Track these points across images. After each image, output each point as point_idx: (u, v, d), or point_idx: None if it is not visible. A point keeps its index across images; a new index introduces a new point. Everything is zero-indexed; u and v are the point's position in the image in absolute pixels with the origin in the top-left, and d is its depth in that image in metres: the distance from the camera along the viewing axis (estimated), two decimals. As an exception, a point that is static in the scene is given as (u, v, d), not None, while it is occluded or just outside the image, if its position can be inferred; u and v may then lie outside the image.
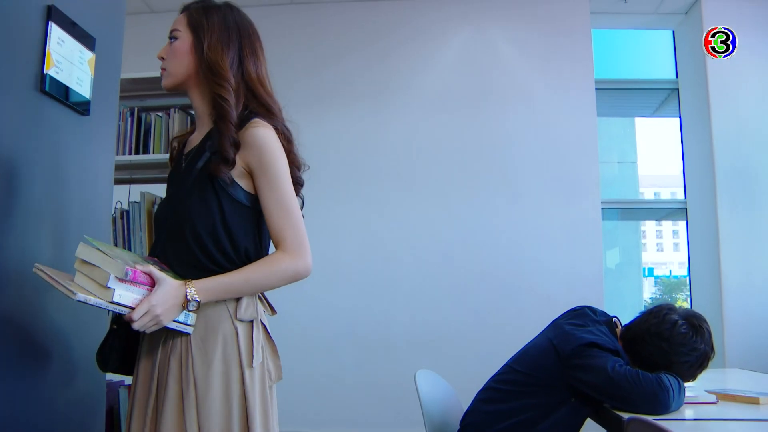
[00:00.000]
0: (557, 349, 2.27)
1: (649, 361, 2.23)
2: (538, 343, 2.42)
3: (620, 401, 2.09)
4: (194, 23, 1.70)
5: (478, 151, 5.45)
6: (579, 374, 2.17)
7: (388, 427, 4.99)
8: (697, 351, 2.21)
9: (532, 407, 2.28)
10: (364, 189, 5.47)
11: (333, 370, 5.21)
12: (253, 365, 1.60)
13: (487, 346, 4.59)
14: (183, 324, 1.54)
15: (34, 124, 1.71)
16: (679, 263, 6.36)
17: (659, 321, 2.26)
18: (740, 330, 4.95)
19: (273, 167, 1.67)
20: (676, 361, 2.20)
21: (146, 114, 3.26)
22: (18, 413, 1.61)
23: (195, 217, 1.61)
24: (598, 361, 2.12)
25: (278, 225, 1.67)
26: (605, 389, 2.11)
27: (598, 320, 2.38)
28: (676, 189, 6.08)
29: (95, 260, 1.42)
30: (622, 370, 2.07)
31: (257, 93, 1.77)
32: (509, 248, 5.31)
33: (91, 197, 2.03)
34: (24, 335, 1.65)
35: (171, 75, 1.71)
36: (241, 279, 1.62)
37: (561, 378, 2.23)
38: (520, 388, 2.34)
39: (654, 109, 6.42)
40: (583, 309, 2.46)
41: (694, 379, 2.30)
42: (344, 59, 5.63)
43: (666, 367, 2.19)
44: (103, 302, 1.39)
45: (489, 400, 2.43)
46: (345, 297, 5.34)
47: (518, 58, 5.59)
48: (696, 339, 2.22)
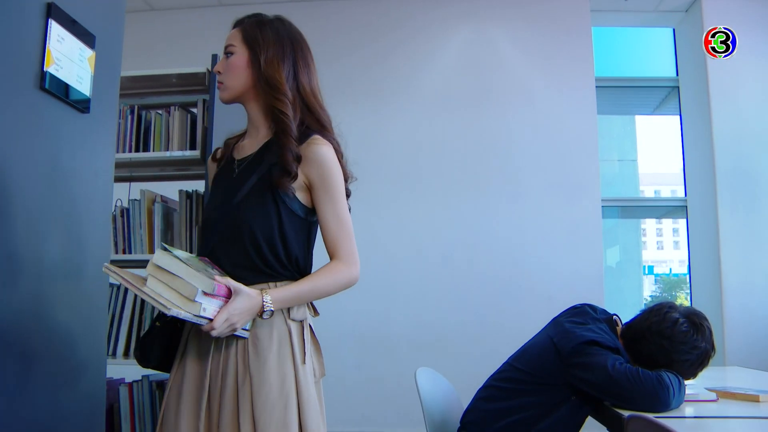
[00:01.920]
0: (557, 347, 2.26)
1: (650, 359, 2.23)
2: (539, 341, 2.42)
3: (620, 399, 2.09)
4: (249, 38, 1.77)
5: (478, 150, 5.45)
6: (579, 372, 2.17)
7: (389, 425, 5.00)
8: (698, 349, 2.21)
9: (532, 405, 2.28)
10: (364, 188, 5.39)
11: (334, 369, 5.16)
12: (305, 362, 1.67)
13: (488, 345, 4.59)
14: (243, 329, 1.61)
15: (34, 122, 1.71)
16: (679, 261, 6.36)
17: (660, 319, 2.26)
18: (740, 328, 4.95)
19: (333, 184, 1.79)
20: (677, 359, 2.20)
21: (146, 112, 3.26)
22: (18, 411, 1.61)
23: (253, 224, 1.68)
24: (599, 359, 2.12)
25: (335, 236, 1.77)
26: (605, 387, 2.11)
27: (598, 318, 2.38)
28: (676, 187, 6.08)
29: (180, 272, 1.49)
30: (622, 368, 2.07)
31: (311, 106, 1.85)
32: (509, 246, 5.31)
33: (92, 195, 2.03)
34: (24, 332, 1.65)
35: (228, 89, 1.80)
36: (309, 287, 1.73)
37: (561, 376, 2.23)
38: (521, 386, 2.34)
39: (654, 107, 6.42)
40: (583, 307, 2.46)
41: (695, 377, 2.30)
42: (344, 58, 5.63)
43: (667, 365, 2.19)
44: (189, 315, 1.46)
45: (489, 398, 2.43)
46: (346, 296, 5.26)
47: (518, 56, 5.59)
48: (697, 337, 2.22)
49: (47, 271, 1.76)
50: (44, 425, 1.72)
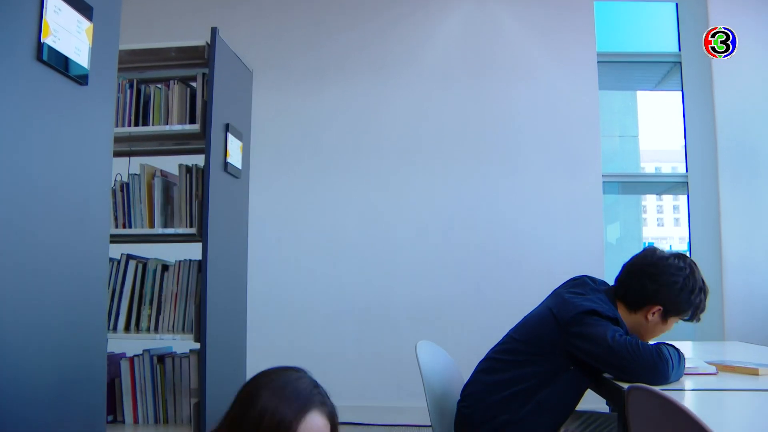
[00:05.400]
0: (557, 317, 2.28)
1: (641, 294, 2.30)
2: (538, 313, 2.43)
3: (619, 371, 2.11)
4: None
5: (478, 125, 5.43)
6: (579, 342, 2.19)
7: (390, 399, 5.03)
8: (682, 270, 2.29)
9: (531, 376, 2.29)
10: (364, 164, 5.46)
11: (334, 344, 5.23)
12: None
13: (488, 320, 4.60)
14: None
15: (31, 94, 1.69)
16: (679, 238, 6.35)
17: (642, 256, 2.37)
18: (740, 304, 4.96)
19: None
20: (665, 282, 2.27)
21: (145, 86, 3.25)
22: (18, 386, 1.61)
23: None
24: (599, 330, 2.13)
25: None
26: (605, 358, 2.12)
27: (597, 288, 2.40)
28: (677, 164, 6.06)
29: None
30: (621, 340, 2.08)
31: None
32: (510, 222, 5.31)
33: (91, 169, 2.01)
34: (23, 307, 1.65)
35: None
36: None
37: (560, 346, 2.24)
38: (520, 357, 2.35)
39: (656, 83, 6.39)
40: (582, 278, 2.47)
41: (696, 316, 2.34)
42: (345, 33, 5.60)
43: (656, 294, 2.27)
44: None
45: (489, 370, 2.44)
46: (346, 271, 5.35)
47: (519, 31, 5.55)
48: (678, 261, 2.32)
49: (46, 246, 1.75)
50: (45, 400, 1.73)
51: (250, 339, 3.57)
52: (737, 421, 1.76)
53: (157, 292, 3.16)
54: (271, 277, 5.20)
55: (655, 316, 2.31)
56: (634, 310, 2.34)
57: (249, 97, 3.64)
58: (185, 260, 3.17)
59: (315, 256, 5.40)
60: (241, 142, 3.38)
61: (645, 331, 2.34)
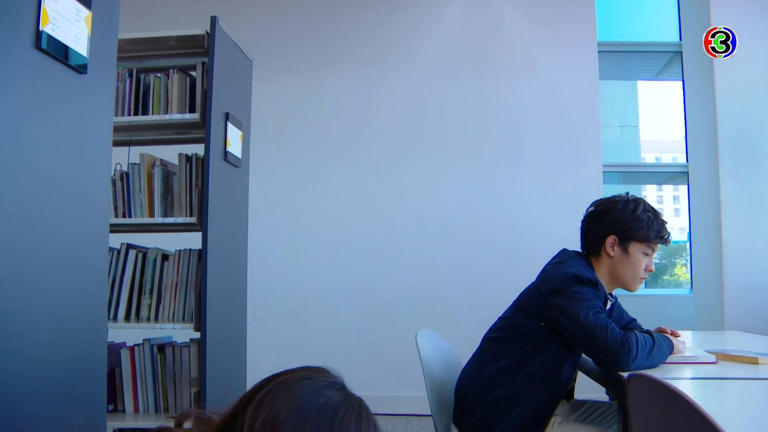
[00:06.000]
0: (539, 289, 2.36)
1: (595, 237, 2.43)
2: (525, 290, 2.50)
3: (586, 350, 2.20)
4: None
5: (479, 115, 5.42)
6: (556, 315, 2.24)
7: (389, 388, 5.04)
8: (620, 199, 2.43)
9: (519, 349, 2.33)
10: (365, 154, 5.46)
11: (334, 333, 5.24)
12: None
13: (488, 311, 4.59)
14: None
15: (30, 82, 1.68)
16: (679, 228, 6.35)
17: (587, 211, 2.55)
18: (740, 294, 4.96)
19: None
20: (605, 211, 2.43)
21: (145, 75, 3.24)
22: (19, 376, 1.61)
23: None
24: (574, 306, 2.18)
25: None
26: (575, 335, 2.19)
27: (576, 254, 2.50)
28: (677, 154, 6.06)
29: None
30: (593, 320, 2.12)
31: None
32: (510, 212, 5.31)
33: (90, 158, 2.01)
34: (23, 297, 1.65)
35: None
36: None
37: (543, 316, 2.29)
38: (509, 333, 2.40)
39: (657, 73, 6.38)
40: (562, 250, 2.55)
41: (660, 237, 2.41)
42: (346, 23, 5.59)
43: (606, 227, 2.40)
44: None
45: (480, 351, 2.50)
46: (346, 261, 5.35)
47: (520, 20, 5.53)
48: (623, 194, 2.47)
49: (46, 236, 1.74)
50: (45, 390, 1.73)
51: (250, 328, 3.58)
52: (737, 409, 1.76)
53: (157, 281, 3.16)
54: (271, 267, 5.20)
55: (616, 249, 2.40)
56: (599, 255, 2.43)
57: (249, 86, 3.63)
58: (185, 249, 3.17)
59: (315, 246, 5.40)
60: (241, 132, 3.38)
61: (621, 270, 2.41)
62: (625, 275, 2.41)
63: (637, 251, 2.39)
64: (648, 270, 2.42)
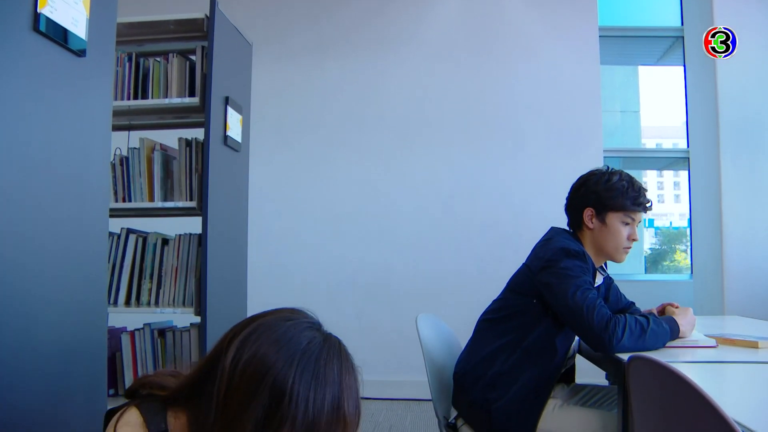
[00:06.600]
0: (530, 267, 2.38)
1: (576, 211, 2.45)
2: (516, 270, 2.52)
3: (573, 328, 2.21)
4: None
5: (479, 100, 5.41)
6: (546, 292, 2.26)
7: (390, 372, 5.05)
8: (596, 171, 2.47)
9: (514, 328, 2.34)
10: (365, 138, 5.45)
11: (334, 318, 5.21)
12: None
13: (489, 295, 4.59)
14: None
15: (28, 65, 1.67)
16: (679, 214, 6.36)
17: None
18: (741, 280, 4.97)
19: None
20: (582, 184, 2.48)
21: (144, 59, 3.22)
22: (20, 361, 1.61)
23: None
24: (563, 284, 2.19)
25: None
26: (562, 313, 2.21)
27: (563, 230, 2.50)
28: (678, 140, 6.05)
29: None
30: (581, 299, 2.13)
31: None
32: (510, 197, 5.31)
33: (90, 142, 2.00)
34: (23, 282, 1.65)
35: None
36: None
37: (536, 294, 2.31)
38: (503, 313, 2.42)
39: (658, 57, 6.35)
40: (550, 229, 2.56)
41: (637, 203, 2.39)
42: (345, 7, 5.56)
43: (583, 200, 2.42)
44: None
45: (478, 331, 2.51)
46: (346, 246, 5.35)
47: (520, 5, 5.51)
48: (602, 167, 2.51)
49: (45, 220, 1.74)
50: (46, 374, 1.73)
51: (250, 312, 3.57)
52: (737, 392, 1.76)
53: (158, 266, 3.16)
54: (271, 251, 5.20)
55: (594, 221, 2.41)
56: (581, 229, 2.44)
57: (248, 70, 3.62)
58: (185, 234, 3.17)
59: (316, 230, 5.40)
60: (241, 116, 3.37)
61: (603, 242, 2.41)
62: (607, 246, 2.40)
63: (615, 221, 2.38)
64: (631, 239, 2.40)
